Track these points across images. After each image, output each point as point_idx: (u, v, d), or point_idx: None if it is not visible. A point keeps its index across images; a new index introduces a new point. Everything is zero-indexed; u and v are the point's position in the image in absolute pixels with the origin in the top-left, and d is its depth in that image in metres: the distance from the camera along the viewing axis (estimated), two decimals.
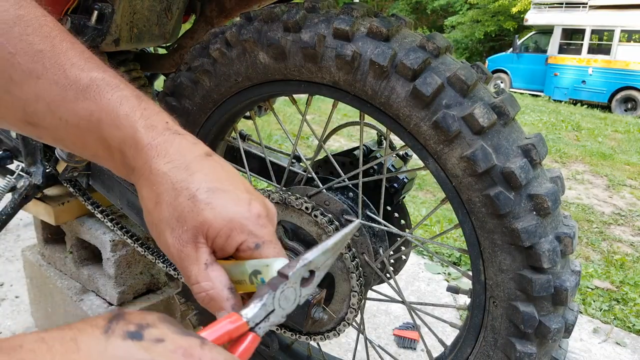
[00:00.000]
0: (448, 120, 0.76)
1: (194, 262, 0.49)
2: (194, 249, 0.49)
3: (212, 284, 0.49)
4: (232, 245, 0.50)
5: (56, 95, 0.52)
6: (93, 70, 0.53)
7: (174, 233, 0.50)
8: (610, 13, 11.61)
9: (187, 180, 0.50)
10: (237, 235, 0.50)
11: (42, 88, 0.52)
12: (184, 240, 0.49)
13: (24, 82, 0.51)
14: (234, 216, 0.50)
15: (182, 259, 0.50)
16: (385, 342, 1.83)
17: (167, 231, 0.50)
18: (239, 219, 0.50)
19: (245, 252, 0.50)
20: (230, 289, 0.49)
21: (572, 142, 6.87)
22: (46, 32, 0.52)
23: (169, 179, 0.50)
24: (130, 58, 1.37)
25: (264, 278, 0.48)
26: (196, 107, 1.04)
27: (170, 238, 0.50)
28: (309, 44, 0.84)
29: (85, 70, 0.53)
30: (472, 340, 0.90)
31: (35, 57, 0.51)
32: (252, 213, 0.51)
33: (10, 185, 1.37)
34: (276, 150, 1.44)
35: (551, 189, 0.77)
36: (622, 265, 2.92)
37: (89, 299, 1.42)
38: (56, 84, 0.52)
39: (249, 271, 0.49)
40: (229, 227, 0.49)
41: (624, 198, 4.46)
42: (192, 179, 0.50)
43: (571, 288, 0.78)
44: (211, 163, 0.53)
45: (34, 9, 0.53)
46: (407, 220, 1.15)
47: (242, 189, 0.53)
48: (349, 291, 0.97)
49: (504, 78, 13.79)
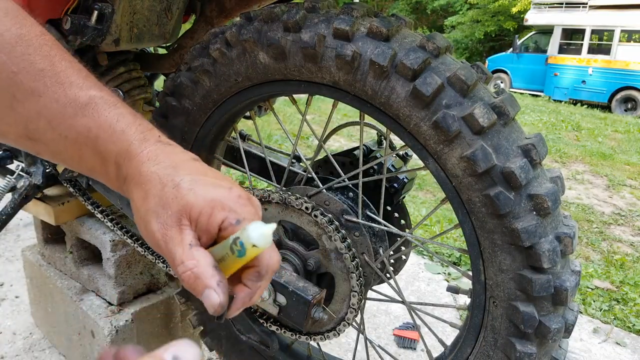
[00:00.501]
0: (448, 120, 0.76)
1: (179, 244, 0.51)
2: (178, 231, 0.51)
3: (197, 262, 0.50)
4: (215, 224, 0.52)
5: (56, 112, 0.55)
6: (91, 89, 0.56)
7: (159, 219, 0.52)
8: (610, 13, 11.61)
9: (173, 174, 0.53)
10: (218, 213, 0.52)
11: (43, 105, 0.54)
12: (169, 224, 0.52)
13: (26, 100, 0.54)
14: (215, 196, 0.53)
15: (167, 242, 0.52)
16: (385, 342, 1.83)
17: (152, 219, 0.53)
18: (219, 198, 0.53)
19: (227, 229, 0.53)
20: (215, 266, 0.51)
21: (572, 142, 6.87)
22: (46, 51, 0.55)
23: (157, 175, 0.53)
24: (130, 58, 1.37)
25: (242, 241, 0.50)
26: (196, 107, 1.04)
27: (155, 224, 0.52)
28: (309, 44, 0.84)
29: (84, 88, 0.56)
30: (472, 340, 0.90)
31: (36, 75, 0.54)
32: (233, 193, 0.54)
33: (10, 185, 1.37)
34: (276, 150, 1.44)
35: (551, 189, 0.77)
36: (622, 265, 2.92)
37: (89, 299, 1.42)
38: (57, 101, 0.54)
39: (230, 242, 0.51)
40: (210, 206, 0.52)
41: (624, 198, 4.46)
42: (177, 172, 0.54)
43: (571, 288, 0.78)
44: (197, 164, 0.57)
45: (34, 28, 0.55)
46: (407, 220, 1.15)
47: (224, 180, 0.56)
48: (349, 291, 0.97)
49: (504, 78, 13.79)
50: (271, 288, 0.91)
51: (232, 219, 0.52)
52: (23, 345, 1.68)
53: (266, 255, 0.54)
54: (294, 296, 0.89)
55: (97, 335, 1.35)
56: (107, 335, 1.31)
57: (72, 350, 1.54)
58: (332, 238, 0.94)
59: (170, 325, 1.48)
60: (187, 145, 1.10)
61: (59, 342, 1.63)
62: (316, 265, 0.99)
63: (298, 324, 0.90)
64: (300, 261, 1.00)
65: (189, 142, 1.09)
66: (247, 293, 0.54)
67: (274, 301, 0.91)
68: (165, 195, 0.52)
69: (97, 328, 1.34)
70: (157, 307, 1.42)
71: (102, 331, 1.31)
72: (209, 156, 1.15)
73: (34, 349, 1.66)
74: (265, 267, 0.54)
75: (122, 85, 1.33)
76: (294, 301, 0.89)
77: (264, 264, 0.54)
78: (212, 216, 0.52)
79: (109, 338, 1.31)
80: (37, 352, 1.65)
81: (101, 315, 1.35)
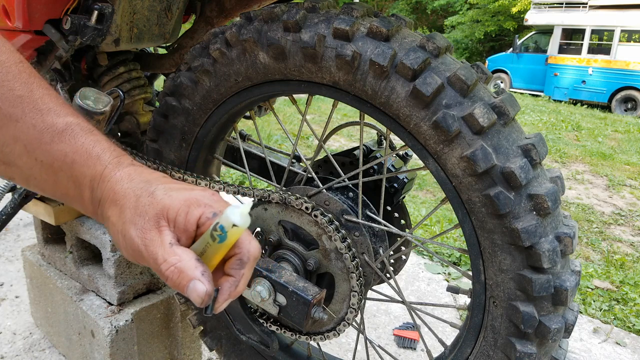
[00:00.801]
0: (448, 120, 0.76)
1: (159, 245, 0.52)
2: (158, 233, 0.53)
3: (179, 257, 0.52)
4: (192, 221, 0.54)
5: (33, 137, 0.56)
6: (68, 116, 0.58)
7: (137, 226, 0.54)
8: (610, 13, 11.61)
9: (146, 186, 0.56)
10: (194, 209, 0.54)
11: (20, 131, 0.56)
12: (147, 228, 0.53)
13: (3, 125, 0.55)
14: (190, 196, 0.55)
15: (147, 245, 0.53)
16: (385, 342, 1.83)
17: (130, 228, 0.54)
18: (194, 196, 0.55)
19: (205, 224, 0.54)
20: (197, 259, 0.53)
21: (572, 142, 6.87)
22: (25, 78, 0.57)
23: (131, 191, 0.55)
24: (130, 58, 1.37)
25: (222, 225, 0.51)
26: (196, 107, 1.04)
27: (133, 231, 0.53)
28: (309, 43, 0.84)
29: (61, 115, 0.58)
30: (472, 340, 0.90)
31: (15, 102, 0.55)
32: (206, 192, 0.57)
33: (10, 185, 1.37)
34: (276, 150, 1.44)
35: (551, 188, 0.77)
36: (622, 265, 2.92)
37: (89, 299, 1.42)
38: (34, 127, 0.56)
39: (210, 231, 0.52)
40: (186, 205, 0.54)
41: (624, 198, 4.47)
42: (150, 185, 0.56)
43: (571, 288, 0.78)
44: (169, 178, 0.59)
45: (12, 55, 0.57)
46: (407, 220, 1.15)
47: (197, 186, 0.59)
48: (349, 291, 0.97)
49: (504, 78, 13.79)
50: (271, 288, 0.91)
51: (208, 213, 0.54)
52: (23, 345, 1.68)
53: (245, 242, 0.56)
54: (294, 296, 0.89)
55: (97, 335, 1.35)
56: (107, 335, 1.31)
57: (72, 350, 1.54)
58: (332, 238, 0.94)
59: (170, 325, 1.48)
60: (187, 145, 1.10)
61: (59, 342, 1.63)
62: (316, 265, 0.99)
63: (298, 324, 0.90)
64: (300, 261, 1.00)
65: (189, 142, 1.09)
66: (232, 282, 0.55)
67: (274, 301, 0.91)
68: (141, 205, 0.54)
69: (97, 328, 1.34)
70: (157, 307, 1.42)
71: (102, 331, 1.31)
72: (209, 156, 1.15)
73: (34, 349, 1.66)
74: (247, 253, 0.56)
75: (122, 85, 1.33)
76: (294, 301, 0.89)
77: (245, 250, 0.56)
78: (189, 213, 0.54)
79: (109, 338, 1.31)
80: (37, 352, 1.65)
81: (101, 315, 1.35)
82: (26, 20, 1.02)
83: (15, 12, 1.00)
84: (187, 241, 0.55)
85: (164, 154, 1.14)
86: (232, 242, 0.53)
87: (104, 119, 1.00)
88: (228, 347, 1.28)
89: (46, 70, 1.24)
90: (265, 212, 1.03)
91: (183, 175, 1.07)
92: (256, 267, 0.93)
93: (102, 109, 0.98)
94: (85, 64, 1.32)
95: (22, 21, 1.02)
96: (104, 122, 1.01)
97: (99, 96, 0.98)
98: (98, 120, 0.99)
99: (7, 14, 1.03)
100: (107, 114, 1.00)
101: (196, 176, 1.07)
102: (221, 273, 0.56)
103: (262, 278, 0.91)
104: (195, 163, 1.12)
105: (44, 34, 1.08)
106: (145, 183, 0.56)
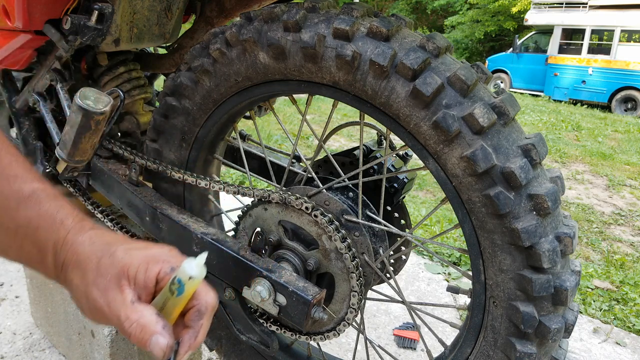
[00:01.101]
0: (448, 120, 0.76)
1: (121, 304, 0.54)
2: (119, 292, 0.55)
3: (141, 314, 0.54)
4: (152, 277, 0.56)
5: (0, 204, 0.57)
6: (34, 181, 0.60)
7: (99, 287, 0.55)
8: (610, 13, 11.61)
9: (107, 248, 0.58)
10: (153, 266, 0.56)
11: None
12: (109, 287, 0.55)
13: None
14: (148, 253, 0.58)
15: (109, 304, 0.54)
16: (385, 342, 1.83)
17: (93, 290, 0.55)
18: (152, 253, 0.58)
19: (163, 279, 0.57)
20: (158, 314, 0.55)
21: (572, 142, 6.87)
22: None
23: (93, 253, 0.57)
24: (130, 58, 1.37)
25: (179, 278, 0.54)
26: (196, 107, 1.04)
27: (96, 292, 0.55)
28: (309, 43, 0.84)
29: (27, 181, 0.59)
30: (472, 340, 0.90)
31: None
32: (164, 249, 0.60)
33: None
34: (276, 150, 1.44)
35: (551, 188, 0.77)
36: (622, 265, 2.92)
37: None
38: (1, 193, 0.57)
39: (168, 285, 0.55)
40: (145, 262, 0.56)
41: (624, 198, 4.46)
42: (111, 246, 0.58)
43: (571, 288, 0.78)
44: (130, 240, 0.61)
45: None
46: (407, 220, 1.15)
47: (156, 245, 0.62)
48: (349, 291, 0.97)
49: (504, 78, 13.79)
50: (271, 288, 0.91)
51: (166, 268, 0.57)
52: (23, 345, 1.68)
53: (203, 293, 0.58)
54: (294, 296, 0.89)
55: (97, 335, 1.35)
56: (107, 335, 1.31)
57: (72, 350, 1.54)
58: (332, 238, 0.94)
59: None
60: (187, 145, 1.10)
61: (59, 342, 1.63)
62: (316, 265, 0.99)
63: (298, 324, 0.90)
64: (300, 261, 1.00)
65: (189, 142, 1.09)
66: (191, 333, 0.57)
67: (274, 301, 0.91)
68: (102, 266, 0.56)
69: (97, 328, 1.34)
70: None
71: (102, 331, 1.31)
72: (209, 156, 1.15)
73: (34, 349, 1.66)
74: (204, 304, 0.58)
75: (122, 85, 1.33)
76: (294, 301, 0.89)
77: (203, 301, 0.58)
78: (148, 270, 0.56)
79: (109, 338, 1.31)
80: (37, 352, 1.65)
81: None
82: (26, 20, 1.02)
83: (15, 12, 1.00)
84: (148, 297, 0.57)
85: (164, 154, 1.14)
86: (190, 293, 0.56)
87: (104, 119, 1.00)
88: (228, 347, 1.28)
89: (46, 70, 1.24)
90: (265, 212, 1.03)
91: (183, 175, 1.07)
92: (256, 267, 0.93)
93: (102, 109, 0.98)
94: (85, 64, 1.32)
95: (22, 21, 1.02)
96: (104, 122, 1.01)
97: (99, 96, 0.98)
98: (98, 120, 0.99)
99: (7, 14, 1.03)
100: (107, 114, 1.00)
101: (196, 176, 1.07)
102: (182, 326, 0.58)
103: (262, 278, 0.91)
104: (195, 163, 1.12)
105: (44, 34, 1.09)
106: (106, 245, 0.58)
